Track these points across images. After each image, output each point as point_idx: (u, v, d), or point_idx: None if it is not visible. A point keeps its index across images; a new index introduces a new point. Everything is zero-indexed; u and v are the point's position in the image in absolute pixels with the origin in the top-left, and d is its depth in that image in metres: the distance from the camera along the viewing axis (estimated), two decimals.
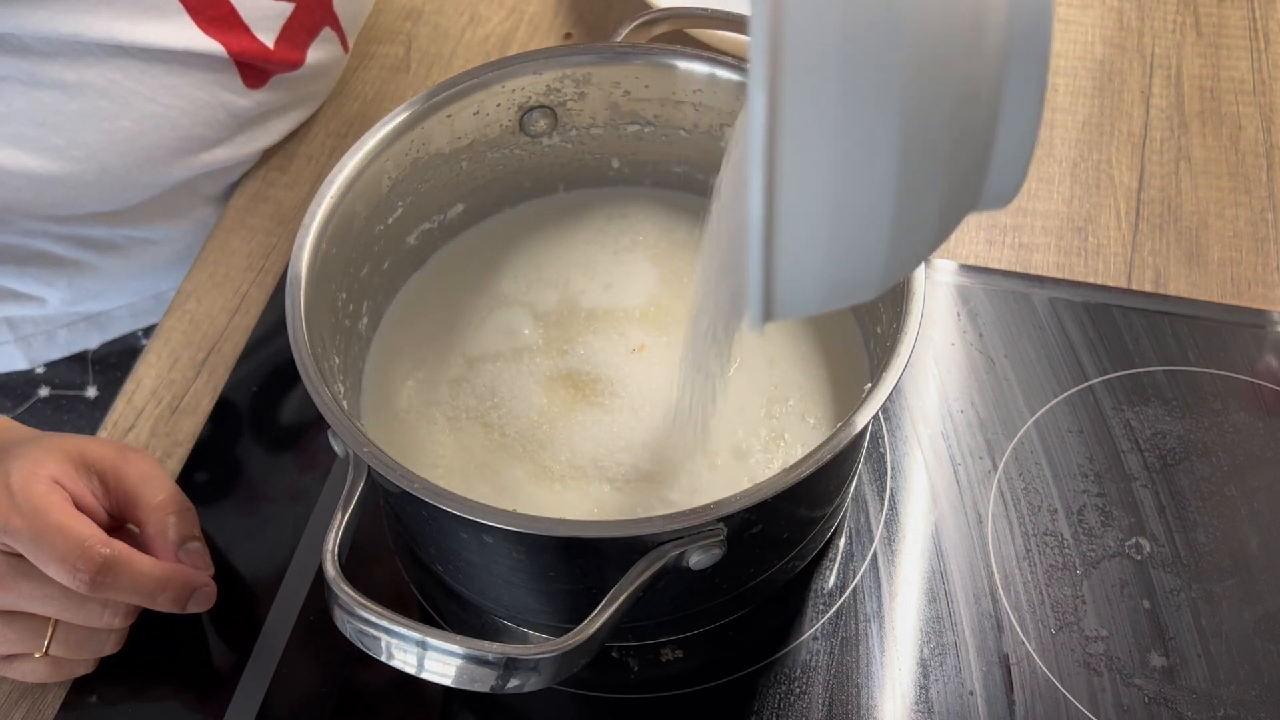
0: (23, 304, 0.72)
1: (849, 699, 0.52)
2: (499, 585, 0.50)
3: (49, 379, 0.77)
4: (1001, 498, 0.57)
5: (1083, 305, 0.64)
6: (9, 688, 0.54)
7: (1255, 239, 0.67)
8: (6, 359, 0.75)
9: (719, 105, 0.57)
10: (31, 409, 0.76)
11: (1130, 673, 0.52)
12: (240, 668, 0.54)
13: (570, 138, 0.60)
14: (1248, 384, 0.61)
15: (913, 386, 0.61)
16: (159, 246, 0.73)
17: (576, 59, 0.57)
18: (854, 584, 0.55)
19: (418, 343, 0.57)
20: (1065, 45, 0.78)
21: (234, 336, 0.65)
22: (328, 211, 0.51)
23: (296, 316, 0.47)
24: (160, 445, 0.61)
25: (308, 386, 0.45)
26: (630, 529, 0.42)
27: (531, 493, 0.52)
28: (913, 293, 0.47)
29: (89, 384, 0.77)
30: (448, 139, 0.56)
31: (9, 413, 0.75)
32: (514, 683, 0.40)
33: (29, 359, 0.76)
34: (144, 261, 0.73)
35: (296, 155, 0.74)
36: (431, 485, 0.42)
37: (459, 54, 0.80)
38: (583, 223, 0.62)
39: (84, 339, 0.76)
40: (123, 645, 0.53)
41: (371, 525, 0.58)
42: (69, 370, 0.77)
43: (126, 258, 0.72)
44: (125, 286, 0.74)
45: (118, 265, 0.72)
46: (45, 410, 0.77)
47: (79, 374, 0.77)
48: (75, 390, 0.77)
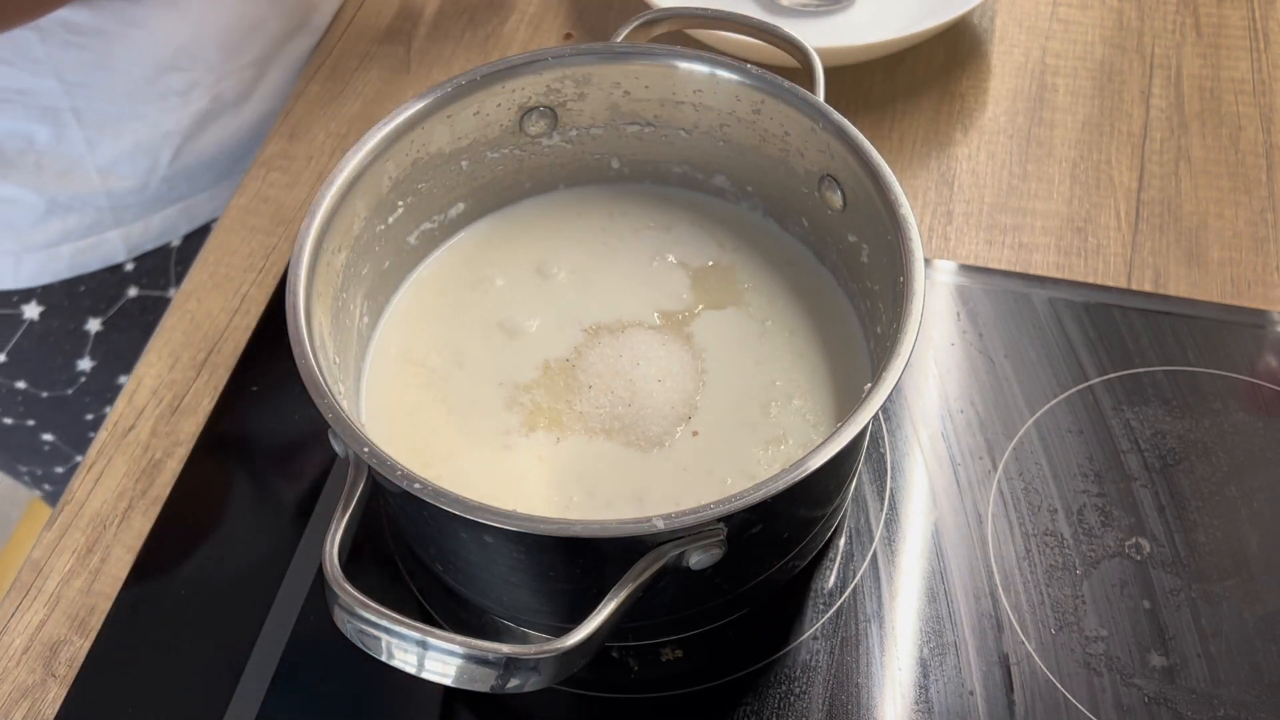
0: (123, 173, 0.77)
1: (849, 699, 0.52)
2: (499, 585, 0.50)
3: (137, 277, 0.81)
4: (1001, 498, 0.57)
5: (1083, 305, 0.64)
6: (9, 688, 0.54)
7: (1255, 239, 0.67)
8: (107, 249, 0.79)
9: (719, 105, 0.57)
10: (121, 310, 0.82)
11: (1130, 673, 0.52)
12: (240, 668, 0.54)
13: (570, 138, 0.60)
14: (1248, 384, 0.61)
15: (913, 386, 0.61)
16: (243, 107, 0.80)
17: (576, 59, 0.57)
18: (854, 584, 0.55)
19: (418, 342, 0.57)
20: (1065, 45, 0.78)
21: (234, 336, 0.65)
22: (328, 211, 0.51)
23: (296, 316, 0.47)
24: (160, 445, 0.61)
25: (308, 386, 0.45)
26: (630, 529, 0.42)
27: (532, 491, 0.52)
28: (913, 293, 0.47)
29: (170, 284, 0.84)
30: (448, 139, 0.56)
31: (103, 315, 0.81)
32: (514, 683, 0.40)
33: (127, 247, 0.80)
34: (229, 128, 0.80)
35: (296, 155, 0.74)
36: (431, 485, 0.42)
37: (459, 54, 0.80)
38: (583, 221, 0.62)
39: (172, 227, 0.81)
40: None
41: (371, 525, 0.58)
42: (154, 271, 0.82)
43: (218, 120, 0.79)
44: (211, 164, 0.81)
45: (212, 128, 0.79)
46: (134, 311, 0.83)
47: (162, 275, 0.83)
48: (159, 291, 0.83)
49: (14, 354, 0.80)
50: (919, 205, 0.70)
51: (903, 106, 0.75)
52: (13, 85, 0.70)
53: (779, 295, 0.58)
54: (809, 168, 0.56)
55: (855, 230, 0.55)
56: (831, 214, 0.56)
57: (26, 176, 0.74)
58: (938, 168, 0.72)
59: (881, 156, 0.51)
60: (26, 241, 0.76)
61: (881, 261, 0.52)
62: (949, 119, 0.74)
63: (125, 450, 0.61)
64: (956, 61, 0.77)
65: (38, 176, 0.74)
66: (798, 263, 0.59)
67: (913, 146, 0.73)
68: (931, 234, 0.69)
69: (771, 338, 0.56)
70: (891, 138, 0.73)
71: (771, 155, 0.57)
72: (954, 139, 0.73)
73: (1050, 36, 0.79)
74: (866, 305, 0.55)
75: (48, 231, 0.76)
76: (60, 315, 0.80)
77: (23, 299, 0.78)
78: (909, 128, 0.74)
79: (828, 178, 0.55)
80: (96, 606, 0.56)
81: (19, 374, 0.82)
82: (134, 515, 0.59)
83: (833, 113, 0.53)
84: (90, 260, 0.79)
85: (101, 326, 0.82)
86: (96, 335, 0.82)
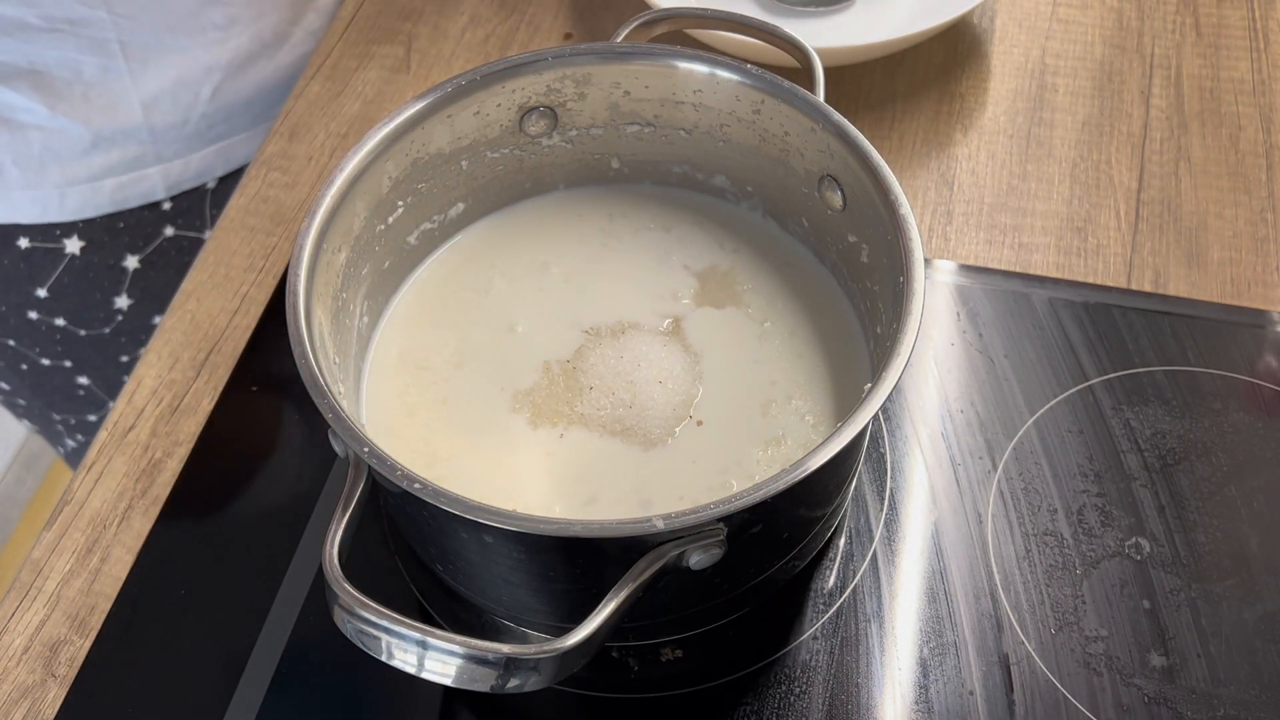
0: (165, 107, 0.79)
1: (849, 699, 0.52)
2: (499, 585, 0.50)
3: (173, 217, 0.84)
4: (1001, 498, 0.57)
5: (1082, 305, 0.64)
6: (9, 688, 0.54)
7: (1255, 239, 0.67)
8: (147, 186, 0.82)
9: (719, 105, 0.57)
10: (159, 249, 0.85)
11: (1130, 673, 0.52)
12: (240, 668, 0.54)
13: (570, 138, 0.60)
14: (1248, 384, 0.61)
15: (913, 386, 0.61)
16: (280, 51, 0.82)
17: (576, 59, 0.57)
18: (854, 584, 0.55)
19: (418, 342, 0.57)
20: (1065, 45, 0.78)
21: (234, 336, 0.65)
22: (328, 211, 0.51)
23: (296, 316, 0.47)
24: (160, 445, 0.61)
25: (308, 386, 0.45)
26: (630, 529, 0.42)
27: (533, 492, 0.52)
28: (913, 293, 0.47)
29: (206, 226, 0.86)
30: (448, 139, 0.57)
31: (140, 252, 0.84)
32: (514, 683, 0.40)
33: (166, 184, 0.82)
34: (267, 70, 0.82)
35: (296, 155, 0.74)
36: (431, 485, 0.42)
37: (459, 54, 0.80)
38: (583, 222, 0.62)
39: (209, 168, 0.84)
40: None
41: (371, 525, 0.58)
42: (191, 211, 0.85)
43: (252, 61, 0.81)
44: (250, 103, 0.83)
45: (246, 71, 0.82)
46: (170, 250, 0.85)
47: (197, 216, 0.85)
48: (195, 232, 0.86)
49: (55, 289, 0.83)
50: (919, 205, 0.70)
51: (903, 106, 0.75)
52: (65, 15, 0.72)
53: (779, 295, 0.58)
54: (809, 168, 0.56)
55: (855, 230, 0.55)
56: (831, 214, 0.56)
57: (74, 108, 0.76)
58: (938, 168, 0.72)
59: (881, 156, 0.51)
60: (71, 174, 0.79)
61: (881, 261, 0.52)
62: (949, 119, 0.74)
63: (125, 450, 0.61)
64: (956, 61, 0.77)
65: (85, 108, 0.76)
66: (798, 263, 0.59)
67: (913, 146, 0.73)
68: (931, 234, 0.69)
69: (771, 338, 0.57)
70: (891, 138, 0.73)
71: (771, 155, 0.57)
72: (954, 139, 0.73)
73: (1050, 36, 0.79)
74: (866, 305, 0.55)
75: (91, 165, 0.79)
76: (100, 251, 0.82)
77: (65, 233, 0.81)
78: (909, 128, 0.74)
79: (828, 178, 0.55)
80: (96, 606, 0.56)
81: (59, 310, 0.84)
82: (134, 515, 0.59)
83: (833, 113, 0.53)
84: (131, 196, 0.81)
85: (139, 264, 0.84)
86: (134, 273, 0.84)
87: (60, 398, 0.92)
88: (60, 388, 0.91)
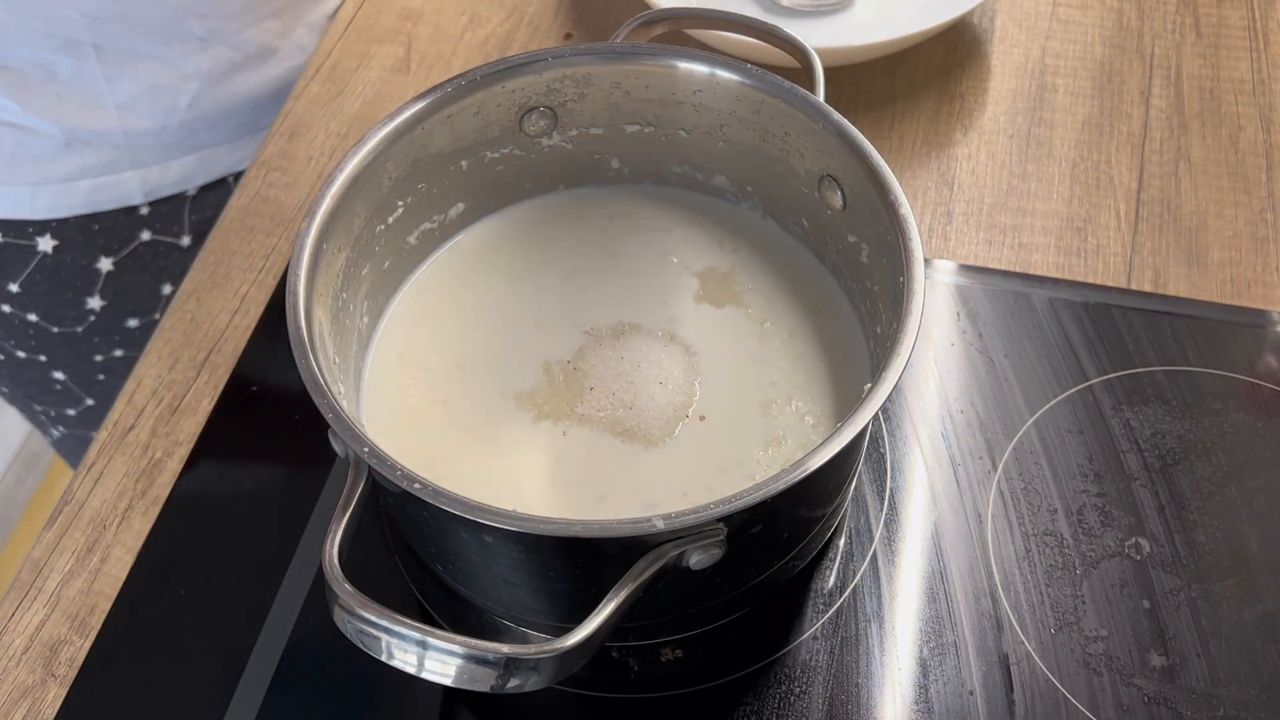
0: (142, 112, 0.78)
1: (849, 699, 0.52)
2: (499, 585, 0.50)
3: (151, 222, 0.83)
4: (1001, 498, 0.57)
5: (1082, 305, 0.64)
6: (9, 688, 0.54)
7: (1255, 239, 0.67)
8: (122, 190, 0.80)
9: (719, 105, 0.57)
10: (134, 253, 0.84)
11: (1130, 673, 0.52)
12: (240, 668, 0.54)
13: (570, 138, 0.60)
14: (1247, 384, 0.61)
15: (913, 386, 0.61)
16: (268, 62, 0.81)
17: (576, 59, 0.57)
18: (854, 584, 0.55)
19: (418, 342, 0.57)
20: (1065, 45, 0.78)
21: (234, 336, 0.65)
22: (328, 211, 0.51)
23: (296, 316, 0.47)
24: (160, 445, 0.61)
25: (308, 386, 0.45)
26: (630, 529, 0.42)
27: (533, 492, 0.52)
28: (913, 293, 0.47)
29: (184, 233, 0.85)
30: (448, 139, 0.56)
31: (115, 255, 0.82)
32: (514, 683, 0.40)
33: (143, 190, 0.81)
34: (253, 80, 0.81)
35: (296, 155, 0.74)
36: (432, 485, 0.42)
37: (459, 54, 0.80)
38: (583, 222, 0.62)
39: (189, 176, 0.83)
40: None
41: (371, 525, 0.58)
42: (169, 217, 0.83)
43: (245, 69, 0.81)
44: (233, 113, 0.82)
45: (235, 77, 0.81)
46: (146, 255, 0.84)
47: (176, 223, 0.84)
48: (172, 239, 0.84)
49: (26, 285, 0.82)
50: (919, 205, 0.70)
51: (903, 106, 0.75)
52: (38, 13, 0.72)
53: (779, 296, 0.58)
54: (809, 168, 0.56)
55: (855, 230, 0.55)
56: (831, 214, 0.56)
57: (47, 107, 0.76)
58: (938, 168, 0.72)
59: (881, 156, 0.51)
60: (44, 173, 0.78)
61: (881, 261, 0.52)
62: (949, 119, 0.74)
63: (125, 450, 0.61)
64: (956, 61, 0.77)
65: (58, 108, 0.76)
66: (797, 263, 0.59)
67: (913, 146, 0.73)
68: (931, 234, 0.69)
69: (771, 338, 0.57)
70: (891, 138, 0.73)
71: (771, 155, 0.57)
72: (954, 139, 0.73)
73: (1050, 36, 0.79)
74: (866, 305, 0.55)
75: (65, 165, 0.78)
76: (73, 250, 0.82)
77: (38, 230, 0.80)
78: (909, 128, 0.74)
79: (828, 178, 0.55)
80: (96, 606, 0.56)
81: (31, 306, 0.84)
82: (134, 515, 0.59)
83: (833, 113, 0.53)
84: (106, 199, 0.80)
85: (113, 267, 0.83)
86: (107, 275, 0.84)
87: (38, 390, 0.92)
88: (37, 380, 0.91)
